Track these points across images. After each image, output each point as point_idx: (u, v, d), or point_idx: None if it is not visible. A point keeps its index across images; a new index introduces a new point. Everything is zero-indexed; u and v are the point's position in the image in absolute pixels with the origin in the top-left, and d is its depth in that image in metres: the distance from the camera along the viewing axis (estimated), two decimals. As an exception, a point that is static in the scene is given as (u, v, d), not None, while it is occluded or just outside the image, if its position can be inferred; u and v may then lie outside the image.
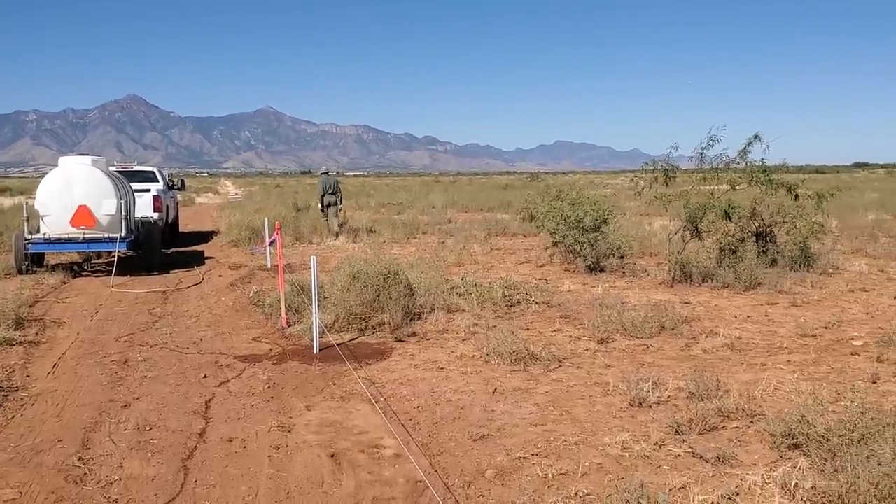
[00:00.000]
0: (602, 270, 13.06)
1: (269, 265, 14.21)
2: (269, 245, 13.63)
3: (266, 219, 16.08)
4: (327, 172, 21.73)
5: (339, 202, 21.02)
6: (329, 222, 20.37)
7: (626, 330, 8.36)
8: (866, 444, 4.42)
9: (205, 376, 7.06)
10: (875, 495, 3.90)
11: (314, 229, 20.06)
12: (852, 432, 4.63)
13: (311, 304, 8.00)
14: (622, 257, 13.85)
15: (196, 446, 5.26)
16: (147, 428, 5.61)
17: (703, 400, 5.78)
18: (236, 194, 57.24)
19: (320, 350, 7.75)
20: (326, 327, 8.47)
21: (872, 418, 4.64)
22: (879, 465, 4.07)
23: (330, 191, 20.75)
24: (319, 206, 20.80)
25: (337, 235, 19.46)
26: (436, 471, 4.71)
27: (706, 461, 4.73)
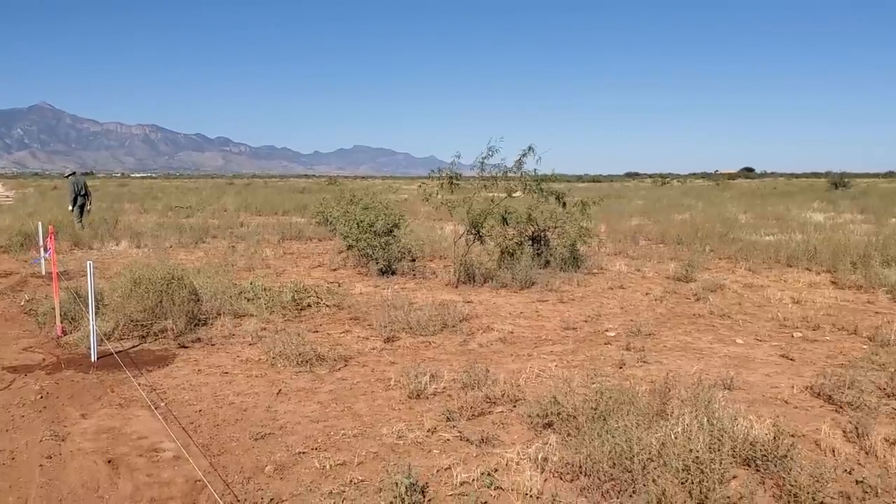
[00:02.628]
0: (394, 273, 13.49)
1: (43, 272, 13.27)
2: (44, 251, 12.78)
3: (40, 223, 14.97)
4: (74, 173, 21.30)
5: (89, 203, 21.17)
6: (83, 223, 20.30)
7: (411, 329, 8.78)
8: (605, 420, 5.07)
9: (-34, 390, 6.58)
10: (607, 463, 4.51)
11: (95, 234, 18.93)
12: (595, 410, 5.29)
13: (88, 312, 7.67)
14: (413, 260, 14.38)
15: (-45, 463, 4.95)
16: None
17: (473, 389, 6.29)
18: (7, 196, 52.14)
19: (99, 358, 7.46)
20: (106, 335, 8.16)
21: (611, 398, 5.32)
22: (613, 437, 4.69)
23: (82, 192, 20.69)
24: (72, 208, 20.52)
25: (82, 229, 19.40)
26: (215, 470, 4.79)
27: (471, 443, 5.19)
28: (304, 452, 5.07)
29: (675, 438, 4.81)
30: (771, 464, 4.65)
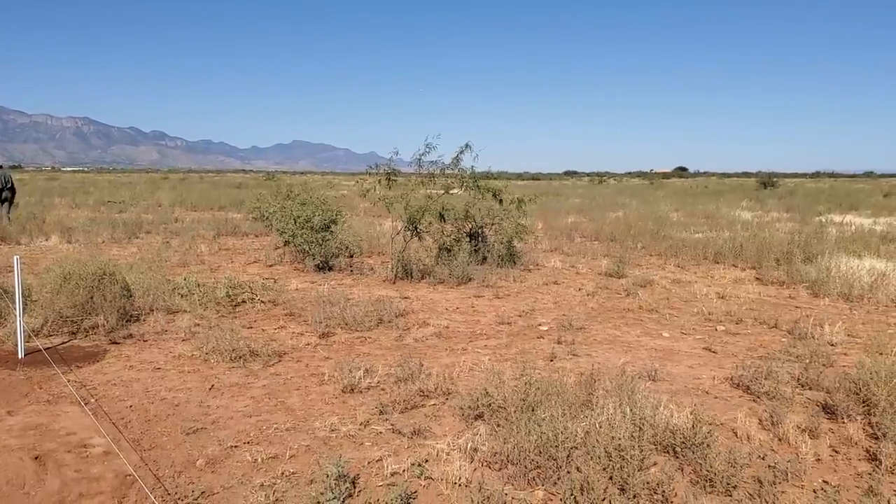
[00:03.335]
0: (331, 269, 13.48)
1: (-34, 268, 12.85)
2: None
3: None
4: (1, 167, 20.74)
5: (13, 198, 20.77)
6: (10, 217, 19.91)
7: (347, 324, 8.82)
8: (533, 411, 5.22)
9: None
10: (534, 452, 4.65)
11: (23, 229, 18.38)
12: (524, 402, 5.43)
13: (14, 308, 7.49)
14: (351, 256, 14.38)
15: None
16: None
17: (407, 382, 6.38)
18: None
19: (26, 355, 7.30)
20: (34, 331, 7.98)
21: (539, 389, 5.47)
22: (540, 427, 4.84)
23: (8, 185, 20.26)
24: None
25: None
26: (146, 464, 4.76)
27: (403, 435, 5.27)
28: (235, 446, 5.08)
29: (599, 427, 5.00)
30: (689, 451, 4.86)
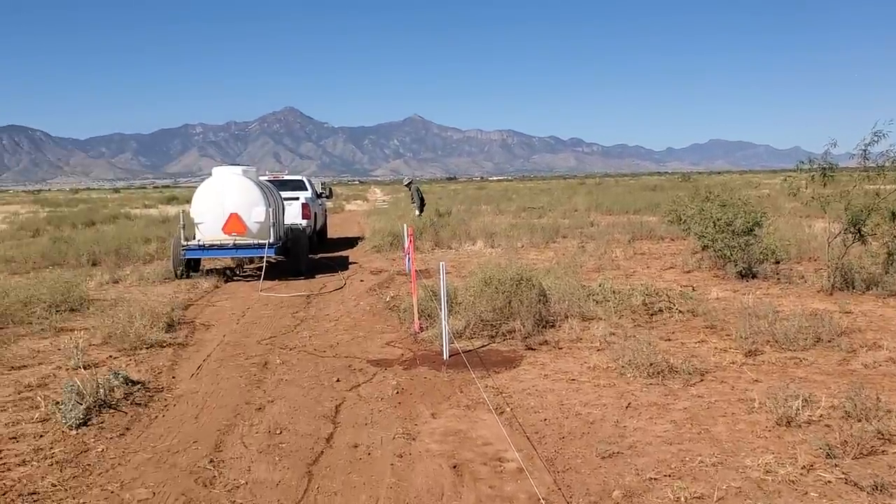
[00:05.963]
0: (754, 277, 12.31)
1: (408, 270, 14.41)
2: (406, 251, 13.93)
3: (405, 225, 16.34)
4: (412, 181, 23.13)
5: (423, 206, 22.94)
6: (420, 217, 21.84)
7: (777, 342, 7.78)
8: None
9: (337, 380, 7.19)
10: None
11: (453, 235, 20.21)
12: None
13: (440, 311, 7.97)
14: (777, 262, 12.99)
15: (322, 451, 5.33)
16: (277, 431, 5.76)
17: (860, 420, 5.26)
18: (383, 201, 58.72)
19: (450, 356, 7.70)
20: (457, 333, 8.43)
21: None
22: None
23: (419, 195, 22.65)
24: (419, 213, 21.98)
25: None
26: (559, 489, 4.51)
27: (861, 490, 4.26)
28: (655, 479, 4.59)
29: None
30: None
